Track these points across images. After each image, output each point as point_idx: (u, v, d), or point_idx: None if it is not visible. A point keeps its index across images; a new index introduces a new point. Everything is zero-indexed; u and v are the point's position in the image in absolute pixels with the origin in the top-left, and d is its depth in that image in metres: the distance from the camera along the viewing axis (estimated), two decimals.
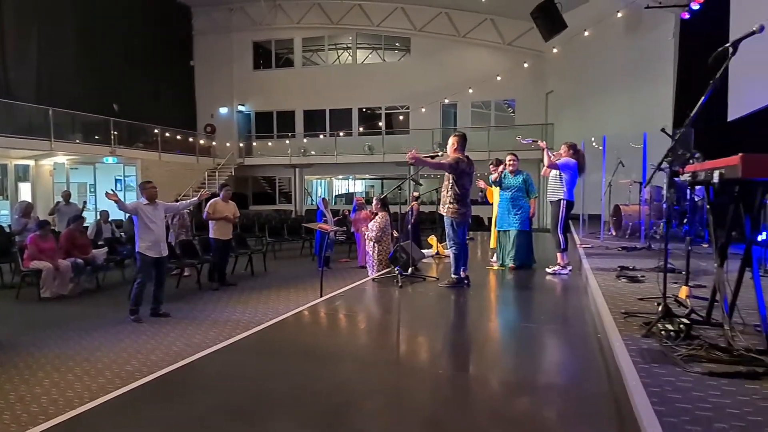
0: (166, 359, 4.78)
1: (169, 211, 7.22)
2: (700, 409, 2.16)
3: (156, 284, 6.54)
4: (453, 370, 3.45)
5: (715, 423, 2.03)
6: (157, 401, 2.90)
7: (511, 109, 21.83)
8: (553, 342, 4.04)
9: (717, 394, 2.30)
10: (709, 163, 2.97)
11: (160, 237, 6.48)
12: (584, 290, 5.45)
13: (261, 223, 14.73)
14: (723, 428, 1.99)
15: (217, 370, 3.41)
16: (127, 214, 6.88)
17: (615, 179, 9.18)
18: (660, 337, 3.07)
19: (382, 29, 21.83)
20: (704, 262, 5.71)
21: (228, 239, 8.59)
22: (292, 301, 7.24)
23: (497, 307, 5.28)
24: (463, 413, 2.71)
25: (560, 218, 6.40)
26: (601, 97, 16.00)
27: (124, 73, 19.13)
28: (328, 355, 3.64)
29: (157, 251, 6.42)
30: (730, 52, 2.88)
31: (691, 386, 2.39)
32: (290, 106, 23.17)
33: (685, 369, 2.58)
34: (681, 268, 4.75)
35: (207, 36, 23.16)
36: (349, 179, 26.15)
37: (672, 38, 12.18)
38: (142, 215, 6.32)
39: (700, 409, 2.15)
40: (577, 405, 2.74)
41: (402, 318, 4.82)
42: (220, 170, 21.50)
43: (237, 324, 6.10)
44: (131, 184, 18.68)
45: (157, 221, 6.43)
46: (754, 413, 2.11)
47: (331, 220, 11.15)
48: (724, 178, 2.72)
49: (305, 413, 2.66)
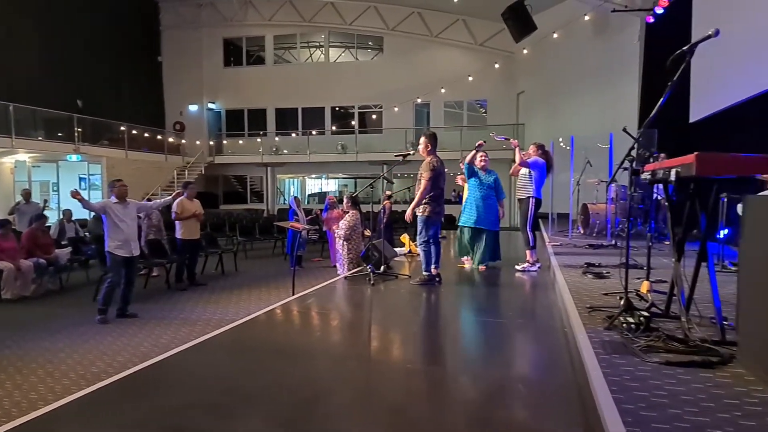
0: (133, 360, 4.69)
1: (142, 210, 7.04)
2: (656, 396, 2.26)
3: (125, 284, 6.40)
4: (423, 365, 3.49)
5: (670, 409, 2.13)
6: (125, 400, 2.86)
7: (483, 109, 22.10)
8: (521, 336, 4.13)
9: (673, 382, 2.41)
10: (667, 162, 3.09)
11: (130, 236, 6.35)
12: (552, 286, 5.58)
13: (232, 222, 14.56)
14: (677, 414, 2.09)
15: (186, 368, 3.38)
16: (93, 213, 6.72)
17: (583, 178, 9.39)
18: (622, 329, 3.18)
19: (354, 28, 21.81)
20: (666, 258, 5.91)
21: (197, 239, 8.47)
22: (264, 300, 7.19)
23: (468, 303, 5.35)
24: (431, 406, 2.77)
25: (529, 216, 6.52)
26: (570, 98, 16.35)
27: (89, 68, 18.59)
28: (299, 352, 3.64)
29: (127, 250, 6.29)
30: (687, 56, 3.00)
31: (648, 375, 2.49)
32: (262, 104, 22.95)
33: (643, 359, 2.69)
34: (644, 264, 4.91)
35: (175, 31, 22.73)
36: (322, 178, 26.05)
37: (637, 41, 12.53)
38: (111, 214, 6.18)
39: (657, 396, 2.25)
40: (543, 395, 2.82)
41: (373, 315, 4.85)
42: (189, 169, 21.14)
43: (207, 323, 6.03)
44: (96, 183, 18.19)
45: (127, 220, 6.30)
46: (707, 400, 2.22)
47: (304, 219, 11.10)
48: (680, 176, 2.84)
49: (275, 408, 2.67)
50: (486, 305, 5.26)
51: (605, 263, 5.98)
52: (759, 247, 2.48)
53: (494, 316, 4.80)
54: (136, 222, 6.55)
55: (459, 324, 4.62)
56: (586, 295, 4.37)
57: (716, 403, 2.19)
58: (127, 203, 6.40)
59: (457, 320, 4.74)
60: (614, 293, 4.23)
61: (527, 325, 4.44)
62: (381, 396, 2.89)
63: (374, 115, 22.83)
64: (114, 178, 6.93)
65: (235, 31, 23.01)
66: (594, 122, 13.72)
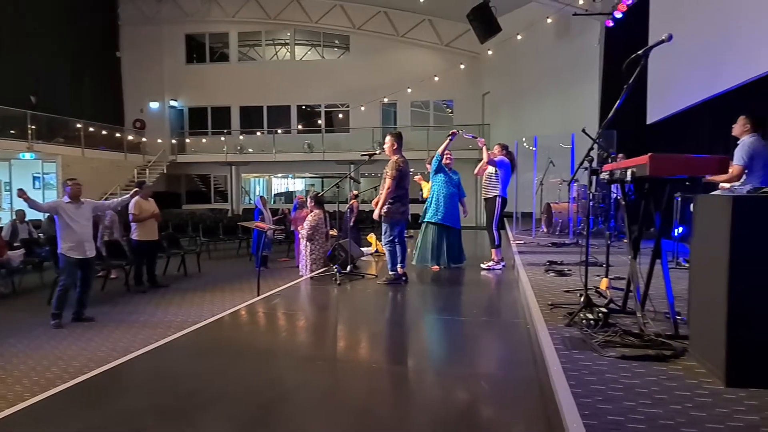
0: (89, 365, 4.54)
1: (99, 210, 6.78)
2: (612, 389, 2.33)
3: (81, 287, 6.19)
4: (388, 364, 3.50)
5: (625, 402, 2.20)
6: (80, 407, 2.77)
7: (449, 109, 22.31)
8: (486, 334, 4.19)
9: (628, 375, 2.49)
10: (623, 163, 3.19)
11: (84, 237, 6.12)
12: (516, 284, 5.69)
13: (195, 222, 14.25)
14: (632, 406, 2.16)
15: (145, 372, 3.30)
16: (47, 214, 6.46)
17: (546, 178, 9.60)
18: (581, 325, 3.27)
19: (320, 26, 21.67)
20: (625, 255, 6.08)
21: (155, 239, 8.24)
22: (228, 302, 7.07)
23: (433, 302, 5.39)
24: (396, 405, 2.78)
25: (495, 215, 6.61)
26: (534, 99, 16.69)
27: (43, 63, 17.83)
28: (263, 353, 3.60)
29: (80, 252, 6.07)
30: (642, 59, 3.11)
31: (605, 369, 2.57)
32: (226, 101, 22.55)
33: (601, 354, 2.77)
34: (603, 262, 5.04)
35: (135, 26, 22.07)
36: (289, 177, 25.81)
37: (598, 44, 12.89)
38: (63, 214, 5.95)
39: (613, 390, 2.32)
40: (506, 391, 2.87)
41: (339, 315, 4.84)
42: (150, 168, 20.57)
43: (168, 326, 5.88)
44: (51, 182, 17.52)
45: (80, 220, 6.08)
46: (660, 392, 2.30)
47: (270, 219, 10.97)
48: (635, 177, 2.93)
49: (237, 409, 2.64)
50: (451, 304, 5.31)
51: (567, 261, 6.12)
52: (708, 245, 2.59)
53: (459, 315, 4.85)
54: (91, 222, 6.33)
55: (424, 323, 4.65)
56: (548, 293, 4.47)
57: (669, 395, 2.27)
58: (82, 203, 6.16)
59: (422, 319, 4.77)
60: (575, 290, 4.34)
61: (491, 323, 4.50)
62: (345, 396, 2.88)
63: (341, 114, 22.75)
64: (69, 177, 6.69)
65: (198, 27, 22.52)
66: (557, 123, 14.04)
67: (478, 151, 6.85)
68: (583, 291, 3.52)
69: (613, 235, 8.13)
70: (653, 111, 9.57)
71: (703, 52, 7.43)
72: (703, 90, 7.37)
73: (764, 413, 2.07)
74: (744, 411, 2.10)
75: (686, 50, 7.72)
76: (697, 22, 7.65)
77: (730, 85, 6.62)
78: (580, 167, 3.71)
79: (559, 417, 2.19)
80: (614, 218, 8.56)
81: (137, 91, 22.21)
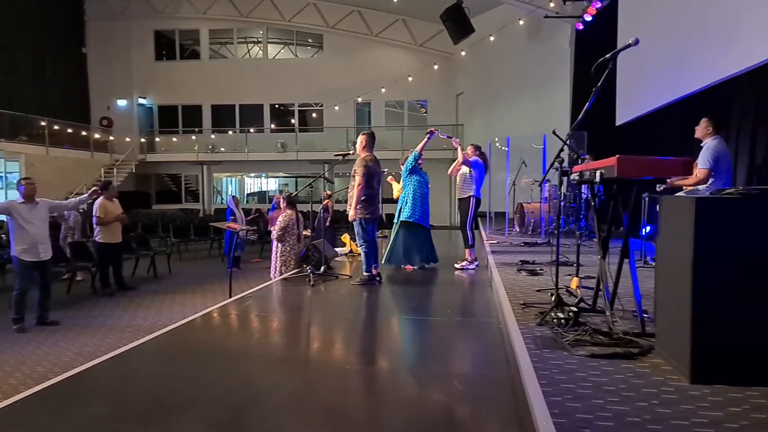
0: (54, 370, 4.42)
1: (55, 210, 6.52)
2: (581, 387, 2.37)
3: (40, 290, 5.98)
4: (361, 365, 3.49)
5: (594, 400, 2.24)
6: (45, 413, 2.67)
7: (423, 109, 22.41)
8: (459, 334, 4.21)
9: (597, 373, 2.53)
10: (593, 164, 3.25)
11: (38, 239, 5.88)
12: (489, 284, 5.73)
13: (165, 222, 13.97)
14: (600, 404, 2.20)
15: (112, 377, 3.20)
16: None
17: (519, 178, 9.73)
18: (552, 324, 3.31)
19: (294, 24, 21.49)
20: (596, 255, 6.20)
21: (119, 242, 8.01)
22: (199, 304, 6.95)
23: (407, 302, 5.40)
24: (369, 404, 2.77)
25: (469, 215, 6.66)
26: (506, 100, 16.90)
27: (4, 59, 17.22)
28: (235, 355, 3.54)
29: (35, 254, 5.84)
30: (610, 63, 3.16)
31: (575, 368, 2.61)
32: (197, 100, 22.16)
33: (571, 353, 2.81)
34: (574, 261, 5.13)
35: (101, 22, 21.48)
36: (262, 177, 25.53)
37: (568, 47, 13.13)
38: (15, 215, 5.73)
39: (582, 388, 2.36)
40: (478, 391, 2.89)
41: (313, 316, 4.80)
42: (118, 167, 20.05)
43: (137, 330, 5.75)
44: (14, 182, 16.91)
45: (35, 221, 5.85)
46: (627, 389, 2.35)
47: (242, 219, 10.82)
48: (603, 178, 2.99)
49: (207, 412, 2.59)
50: (425, 304, 5.33)
51: (539, 260, 6.21)
52: (673, 245, 2.65)
53: (433, 315, 4.87)
54: (47, 223, 6.10)
55: (398, 323, 4.65)
56: (520, 292, 4.52)
57: (636, 392, 2.32)
58: (36, 203, 5.93)
59: (396, 320, 4.77)
60: (546, 290, 4.40)
61: (465, 323, 4.53)
62: (319, 397, 2.85)
63: (315, 114, 22.62)
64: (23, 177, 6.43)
65: (168, 24, 22.08)
66: (529, 123, 14.24)
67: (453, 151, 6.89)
68: (554, 290, 3.57)
69: (584, 234, 8.29)
70: (622, 113, 9.80)
71: (669, 56, 7.63)
72: (670, 93, 7.58)
73: (727, 409, 2.13)
74: (708, 407, 2.16)
75: (653, 54, 7.92)
76: (663, 27, 7.86)
77: (695, 89, 6.82)
78: (551, 168, 3.77)
79: (530, 416, 2.21)
80: (585, 218, 8.73)
81: (104, 88, 21.65)
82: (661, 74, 7.94)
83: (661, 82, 7.90)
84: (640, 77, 8.78)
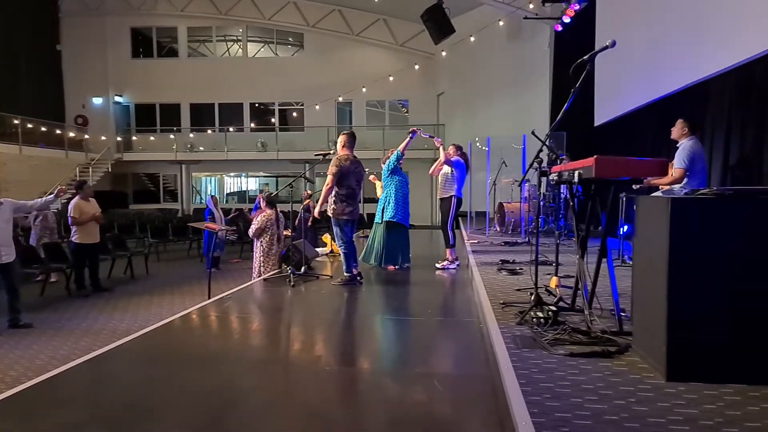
0: (27, 374, 4.31)
1: (20, 211, 6.29)
2: (560, 386, 2.39)
3: (7, 293, 5.82)
4: (341, 366, 3.47)
5: (572, 398, 2.26)
6: (17, 418, 2.58)
7: (405, 109, 22.43)
8: (440, 333, 4.21)
9: (575, 372, 2.56)
10: (571, 164, 3.28)
11: (1, 240, 5.72)
12: (470, 284, 5.75)
13: (142, 222, 13.74)
14: (578, 403, 2.22)
15: (87, 381, 3.12)
16: None
17: (499, 178, 9.80)
18: (532, 324, 3.34)
19: (273, 23, 21.32)
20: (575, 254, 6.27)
21: (96, 242, 7.86)
22: (177, 305, 6.85)
23: (388, 302, 5.39)
24: (350, 405, 2.76)
25: (451, 214, 6.68)
26: (487, 100, 17.01)
27: None
28: (213, 358, 3.49)
29: None
30: (587, 64, 3.20)
31: (554, 367, 2.63)
32: (175, 98, 21.84)
33: (550, 352, 2.83)
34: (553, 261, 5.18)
35: (76, 18, 21.04)
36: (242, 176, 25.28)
37: (548, 48, 13.27)
38: None
39: (560, 387, 2.38)
40: (459, 391, 2.89)
41: (293, 317, 4.76)
42: (94, 166, 19.62)
43: (113, 332, 5.64)
44: None
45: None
46: (605, 387, 2.38)
47: (222, 219, 10.70)
48: (582, 178, 3.02)
49: (184, 415, 2.55)
50: (406, 304, 5.33)
51: (519, 260, 6.26)
52: (649, 244, 2.69)
53: (414, 315, 4.87)
54: (10, 224, 5.93)
55: (379, 323, 4.64)
56: (501, 292, 4.55)
57: (613, 390, 2.35)
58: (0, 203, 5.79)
59: (377, 320, 4.76)
60: (526, 289, 4.43)
61: (446, 323, 4.54)
62: (299, 399, 2.83)
63: (295, 113, 22.48)
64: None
65: (144, 21, 21.71)
66: (509, 124, 14.35)
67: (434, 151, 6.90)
68: (533, 290, 3.60)
69: (563, 234, 8.39)
70: (600, 113, 9.94)
71: (646, 57, 7.77)
72: (646, 94, 7.71)
73: (702, 407, 2.17)
74: (683, 405, 2.19)
75: (630, 56, 8.05)
76: (640, 29, 7.99)
77: (670, 90, 6.95)
78: (530, 168, 3.80)
79: (509, 415, 2.22)
80: (564, 217, 8.84)
81: (79, 85, 21.19)
82: (638, 76, 8.08)
83: (639, 84, 8.03)
84: (617, 78, 8.92)
